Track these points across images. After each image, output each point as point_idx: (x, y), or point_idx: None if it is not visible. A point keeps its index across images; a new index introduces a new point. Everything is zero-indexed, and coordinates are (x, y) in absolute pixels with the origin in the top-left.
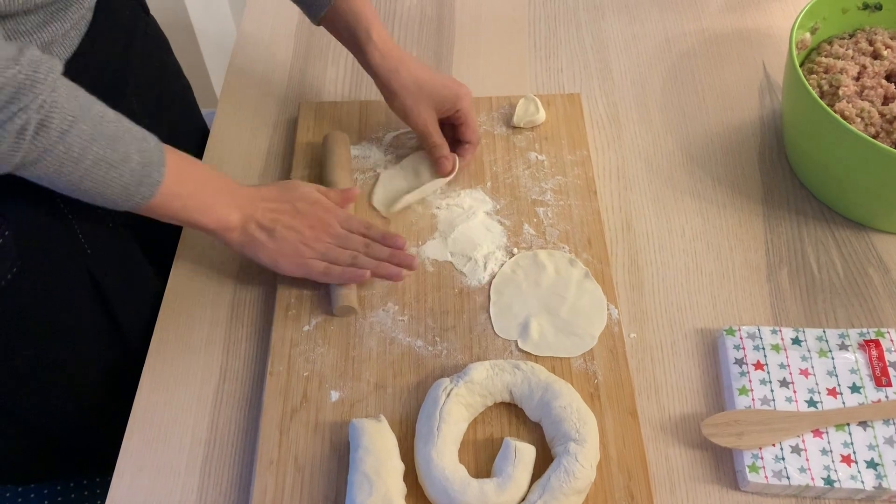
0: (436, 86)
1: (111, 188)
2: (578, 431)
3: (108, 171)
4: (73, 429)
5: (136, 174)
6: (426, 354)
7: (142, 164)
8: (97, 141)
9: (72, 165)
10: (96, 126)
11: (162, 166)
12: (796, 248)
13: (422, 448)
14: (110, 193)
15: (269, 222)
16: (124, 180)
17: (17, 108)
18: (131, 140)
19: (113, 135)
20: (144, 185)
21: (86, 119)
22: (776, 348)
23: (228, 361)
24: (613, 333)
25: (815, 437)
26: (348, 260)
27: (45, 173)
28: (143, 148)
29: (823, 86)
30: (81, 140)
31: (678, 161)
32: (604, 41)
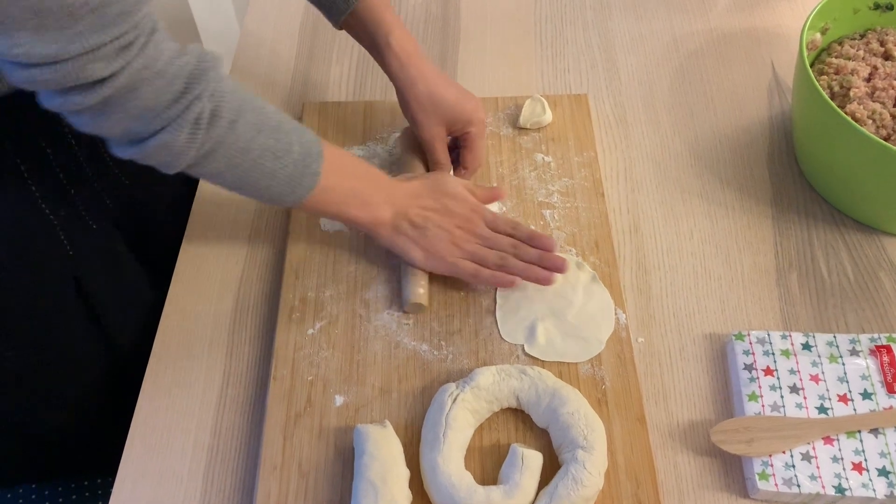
0: (452, 106)
1: (277, 180)
2: (586, 438)
3: (274, 161)
4: (60, 431)
5: (299, 165)
6: (431, 359)
7: (303, 154)
8: (263, 131)
9: (241, 157)
10: (260, 116)
11: (320, 157)
12: (806, 251)
13: (427, 454)
14: (276, 186)
15: (421, 220)
16: (288, 171)
17: (192, 98)
18: (292, 130)
19: (276, 125)
20: (307, 176)
21: (250, 109)
22: (786, 354)
23: (231, 365)
24: (621, 338)
25: (825, 444)
26: (497, 261)
27: (217, 167)
28: (303, 139)
29: (834, 87)
30: (249, 130)
31: (686, 162)
32: (611, 41)
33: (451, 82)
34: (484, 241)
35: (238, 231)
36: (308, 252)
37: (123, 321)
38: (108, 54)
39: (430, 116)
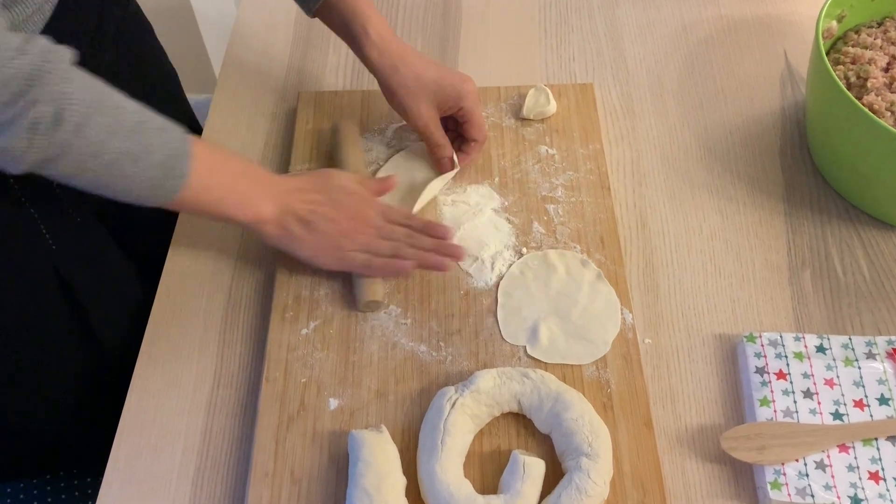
0: (438, 83)
1: (137, 183)
2: (591, 445)
3: (132, 165)
4: (47, 427)
5: (162, 167)
6: (430, 360)
7: (166, 156)
8: (117, 134)
9: (92, 161)
10: (115, 117)
11: (187, 157)
12: (820, 248)
13: (425, 462)
14: (137, 189)
15: (307, 214)
16: (149, 174)
17: (29, 102)
18: (154, 131)
19: (133, 126)
20: (171, 179)
21: (103, 110)
22: (799, 356)
23: (223, 366)
24: (627, 339)
25: (841, 452)
26: (390, 251)
27: (66, 171)
28: (166, 139)
29: (850, 77)
30: (99, 133)
31: (695, 155)
32: (618, 28)
33: (433, 61)
34: (377, 233)
35: (229, 226)
36: None
37: (110, 316)
38: None
39: (419, 100)
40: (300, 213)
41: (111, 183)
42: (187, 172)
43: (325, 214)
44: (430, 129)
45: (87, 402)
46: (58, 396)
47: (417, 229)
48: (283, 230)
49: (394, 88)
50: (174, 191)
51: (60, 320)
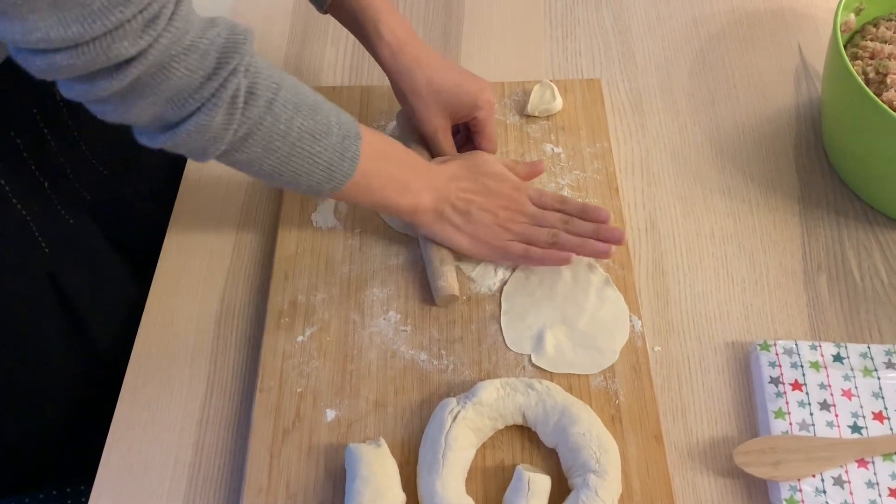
0: (452, 91)
1: (316, 165)
2: (598, 462)
3: (313, 144)
4: (35, 438)
5: (338, 148)
6: (431, 369)
7: (341, 136)
8: (300, 111)
9: (280, 140)
10: (297, 94)
11: (359, 139)
12: (836, 252)
13: (425, 478)
14: (316, 171)
15: (464, 204)
16: (328, 155)
17: (227, 73)
18: (330, 110)
19: (313, 104)
20: (346, 160)
21: (288, 86)
22: (815, 366)
23: (216, 374)
24: (636, 348)
25: (859, 467)
26: (548, 239)
27: (253, 153)
28: (341, 120)
29: (869, 73)
30: (286, 109)
31: (706, 154)
32: (626, 21)
33: (452, 65)
34: (532, 220)
35: (224, 226)
36: (298, 250)
37: (104, 318)
38: (133, 30)
39: (430, 107)
40: (456, 204)
41: (294, 165)
42: (359, 155)
43: (481, 204)
44: (438, 138)
45: (81, 410)
46: (51, 404)
47: (573, 213)
48: (440, 220)
49: (405, 92)
50: (348, 174)
51: (54, 324)
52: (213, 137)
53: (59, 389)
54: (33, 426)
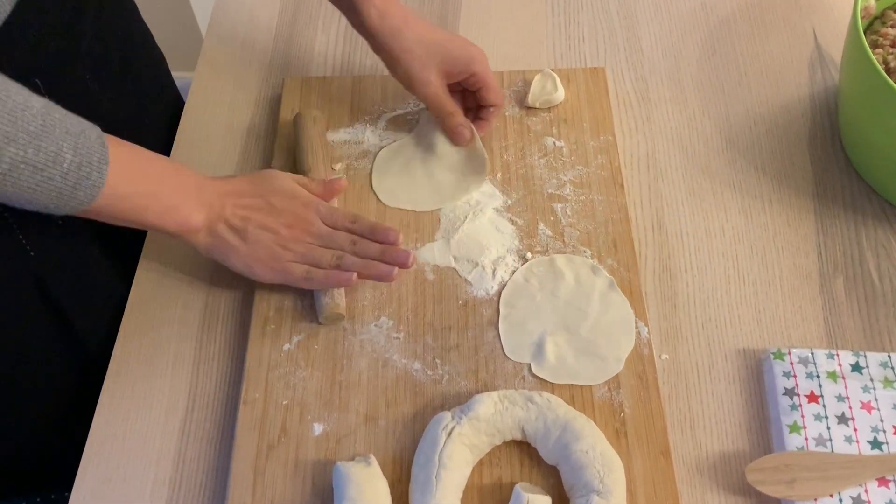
0: (445, 47)
1: (39, 194)
2: (602, 482)
3: (33, 174)
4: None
5: (71, 176)
6: (425, 380)
7: (77, 164)
8: (15, 140)
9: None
10: (14, 122)
11: (104, 164)
12: (853, 252)
13: (418, 500)
14: (40, 199)
15: (240, 221)
16: (55, 184)
17: None
18: (63, 136)
19: (37, 131)
20: (81, 189)
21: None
22: (832, 376)
23: (198, 384)
24: (643, 356)
25: (880, 486)
26: (332, 261)
27: None
28: (79, 144)
29: (890, 61)
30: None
31: (716, 147)
32: (631, 6)
33: (436, 26)
34: (319, 241)
35: None
36: None
37: (92, 321)
38: None
39: (426, 66)
40: (232, 221)
41: (9, 192)
42: (103, 181)
43: (261, 222)
44: (440, 95)
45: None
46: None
47: (363, 234)
48: (215, 239)
49: (397, 54)
50: (86, 201)
51: (42, 329)
52: None
53: (48, 394)
54: (20, 432)
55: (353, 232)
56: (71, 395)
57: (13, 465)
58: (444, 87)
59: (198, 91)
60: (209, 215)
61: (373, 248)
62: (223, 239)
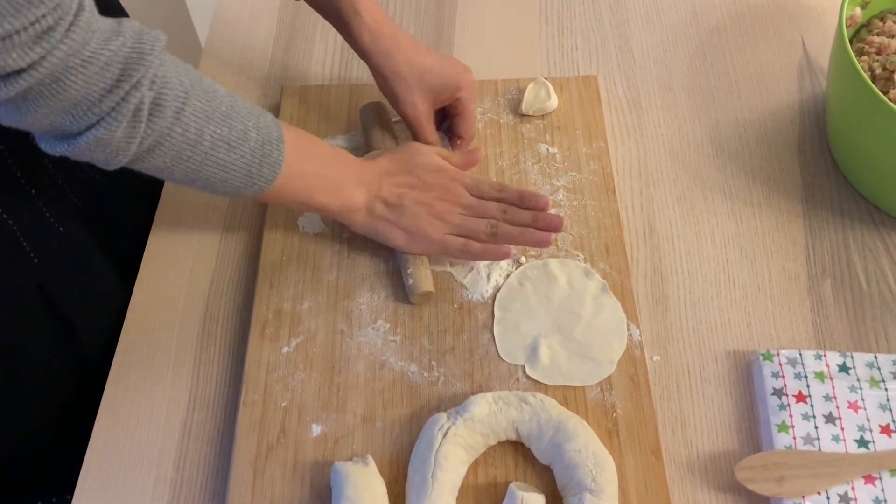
0: (435, 73)
1: (233, 172)
2: (595, 480)
3: (228, 152)
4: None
5: (257, 153)
6: (421, 382)
7: (260, 142)
8: (213, 119)
9: (190, 149)
10: (210, 102)
11: (281, 143)
12: (841, 255)
13: (414, 500)
14: (232, 178)
15: (396, 199)
16: (245, 161)
17: (130, 86)
18: (247, 115)
19: (228, 111)
20: (266, 166)
21: (199, 94)
22: (820, 377)
23: (198, 387)
24: (634, 358)
25: (866, 483)
26: (487, 230)
27: (163, 162)
28: (260, 124)
29: (876, 69)
30: (197, 119)
31: (707, 153)
32: (623, 15)
33: (430, 49)
34: (470, 211)
35: (208, 231)
36: (285, 257)
37: (93, 326)
38: (23, 42)
39: (412, 90)
40: (389, 199)
41: (208, 173)
42: (282, 159)
43: (416, 198)
44: (421, 121)
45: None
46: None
47: (512, 202)
48: (374, 217)
49: (386, 75)
50: (270, 179)
51: (44, 334)
52: (116, 150)
53: (49, 398)
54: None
55: (501, 201)
56: (72, 399)
57: (14, 468)
58: (429, 111)
59: None
60: (368, 195)
61: (524, 215)
62: (383, 216)
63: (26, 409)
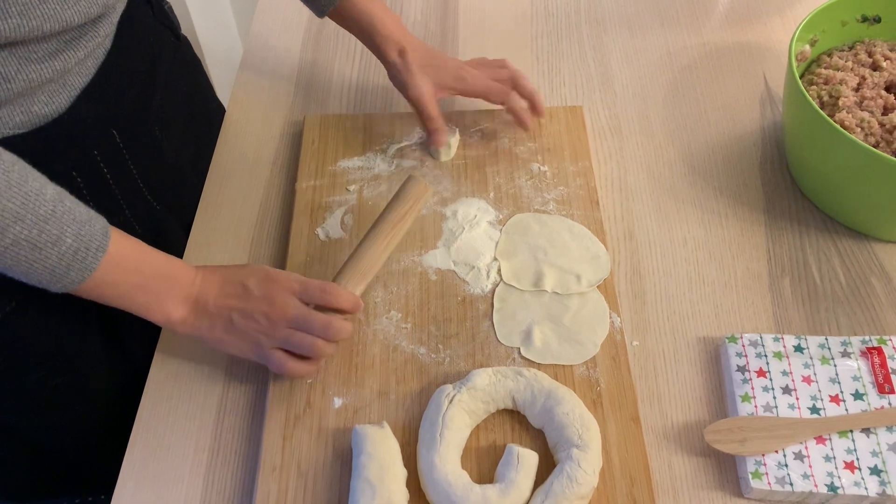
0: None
1: (34, 269)
2: (581, 437)
3: (31, 251)
4: (77, 448)
5: (66, 258)
6: (429, 362)
7: (75, 248)
8: (23, 220)
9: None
10: (26, 204)
11: (101, 252)
12: (798, 257)
13: (424, 454)
14: (34, 274)
15: (222, 311)
16: (50, 263)
17: None
18: (69, 222)
19: (46, 215)
20: (74, 270)
21: (13, 197)
22: (778, 356)
23: (233, 369)
24: (616, 341)
25: (818, 443)
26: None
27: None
28: (82, 232)
29: (823, 96)
30: (2, 219)
31: (680, 171)
32: (606, 55)
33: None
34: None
35: (239, 240)
36: (308, 259)
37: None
38: None
39: (418, 76)
40: (214, 312)
41: (8, 264)
42: (94, 266)
43: (242, 310)
44: (424, 101)
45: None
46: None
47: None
48: (197, 329)
49: (398, 68)
50: (77, 282)
51: (98, 348)
52: None
53: (97, 402)
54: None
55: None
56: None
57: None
58: (431, 93)
59: (229, 126)
60: (191, 311)
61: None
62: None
63: (78, 410)
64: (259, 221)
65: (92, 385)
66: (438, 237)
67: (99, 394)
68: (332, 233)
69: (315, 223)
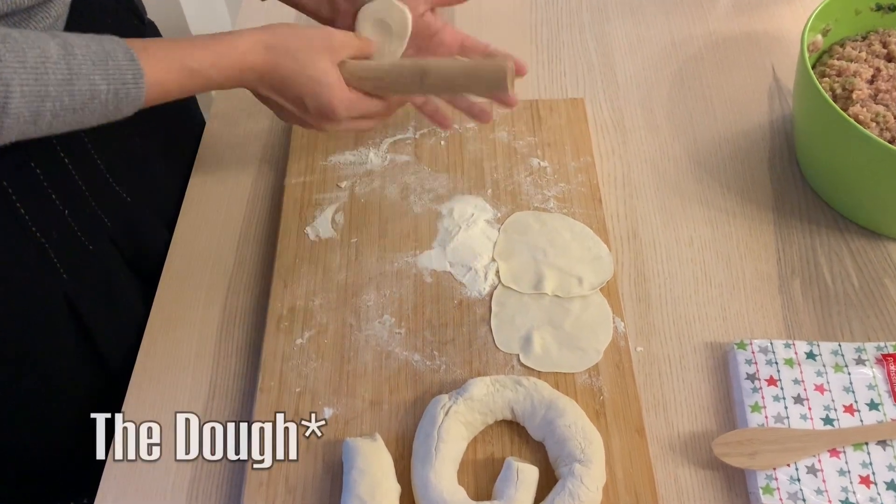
0: None
1: (87, 123)
2: (583, 452)
3: (74, 115)
4: (47, 455)
5: (111, 102)
6: (424, 369)
7: (114, 90)
8: (48, 95)
9: (32, 127)
10: (39, 77)
11: (139, 78)
12: (809, 258)
13: (419, 469)
14: (90, 124)
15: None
16: (97, 114)
17: None
18: (91, 70)
19: (66, 77)
20: (125, 105)
21: (26, 76)
22: (789, 363)
23: (217, 377)
24: (619, 347)
25: (831, 456)
26: None
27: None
28: (109, 71)
29: (836, 89)
30: (28, 102)
31: (685, 167)
32: (608, 44)
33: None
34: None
35: (226, 238)
36: (297, 260)
37: (115, 337)
38: None
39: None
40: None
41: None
42: (142, 95)
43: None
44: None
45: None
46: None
47: None
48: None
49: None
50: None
51: (69, 344)
52: None
53: (71, 407)
54: (47, 441)
55: None
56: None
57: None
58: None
59: (214, 120)
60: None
61: None
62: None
63: (52, 415)
64: (246, 219)
65: (63, 390)
66: (434, 237)
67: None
68: (323, 232)
69: (304, 222)
